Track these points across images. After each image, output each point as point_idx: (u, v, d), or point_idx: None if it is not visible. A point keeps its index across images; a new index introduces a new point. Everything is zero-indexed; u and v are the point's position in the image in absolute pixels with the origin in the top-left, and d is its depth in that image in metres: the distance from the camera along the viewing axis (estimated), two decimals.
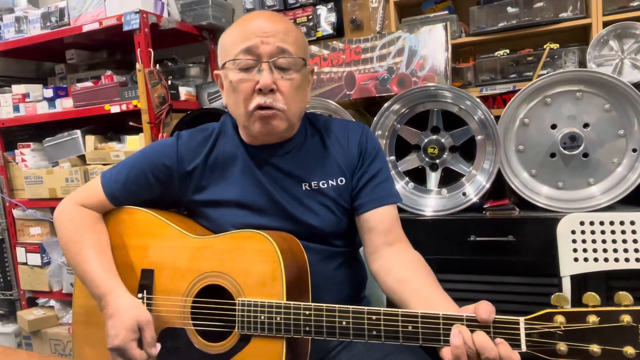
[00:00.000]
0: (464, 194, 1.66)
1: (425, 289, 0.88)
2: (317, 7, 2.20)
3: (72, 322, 1.08)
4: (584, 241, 1.34)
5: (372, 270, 1.01)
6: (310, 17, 2.21)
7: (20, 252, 2.55)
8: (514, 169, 1.61)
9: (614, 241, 1.33)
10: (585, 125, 1.53)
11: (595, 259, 1.33)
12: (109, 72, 2.37)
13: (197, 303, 0.94)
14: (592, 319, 0.69)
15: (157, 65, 2.16)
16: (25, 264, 2.54)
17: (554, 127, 1.56)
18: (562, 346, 0.70)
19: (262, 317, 0.86)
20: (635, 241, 1.31)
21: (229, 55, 0.96)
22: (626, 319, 0.67)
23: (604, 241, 1.33)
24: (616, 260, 1.33)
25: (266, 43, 0.93)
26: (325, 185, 1.02)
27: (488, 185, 1.61)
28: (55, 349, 2.47)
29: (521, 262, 1.53)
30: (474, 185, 1.65)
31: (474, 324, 0.74)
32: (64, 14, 2.29)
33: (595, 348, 0.68)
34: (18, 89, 2.49)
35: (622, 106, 1.49)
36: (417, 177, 1.74)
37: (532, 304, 1.51)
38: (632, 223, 1.32)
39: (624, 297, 0.69)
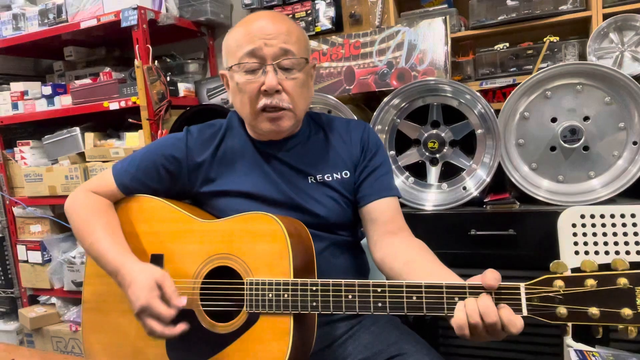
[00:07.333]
0: (464, 188, 1.65)
1: (434, 268, 0.90)
2: (316, 1, 2.19)
3: (82, 309, 1.09)
4: (584, 234, 1.34)
5: (376, 260, 1.02)
6: (309, 11, 2.20)
7: (20, 249, 2.56)
8: (514, 163, 1.61)
9: (614, 234, 1.33)
10: (586, 119, 1.52)
11: (596, 252, 1.33)
12: (107, 69, 2.37)
13: (206, 285, 0.95)
14: (590, 282, 0.70)
15: (156, 61, 2.15)
16: (26, 261, 2.54)
17: (554, 120, 1.55)
18: (561, 309, 0.71)
19: (270, 295, 0.88)
20: (635, 234, 1.31)
21: (234, 58, 0.99)
22: (623, 281, 0.68)
23: (604, 234, 1.33)
24: (617, 253, 1.32)
25: (270, 45, 0.96)
26: (331, 178, 1.06)
27: (488, 179, 1.61)
28: (57, 346, 2.47)
29: (522, 256, 1.53)
30: (474, 179, 1.64)
31: (477, 291, 0.76)
32: (61, 11, 2.28)
33: (594, 310, 0.69)
34: (16, 86, 2.49)
35: (622, 99, 1.48)
36: (417, 171, 1.74)
37: None
38: (633, 216, 1.31)
39: (621, 263, 0.70)
